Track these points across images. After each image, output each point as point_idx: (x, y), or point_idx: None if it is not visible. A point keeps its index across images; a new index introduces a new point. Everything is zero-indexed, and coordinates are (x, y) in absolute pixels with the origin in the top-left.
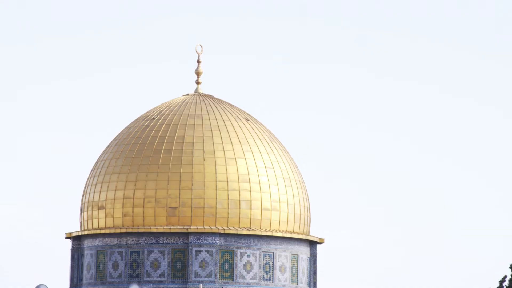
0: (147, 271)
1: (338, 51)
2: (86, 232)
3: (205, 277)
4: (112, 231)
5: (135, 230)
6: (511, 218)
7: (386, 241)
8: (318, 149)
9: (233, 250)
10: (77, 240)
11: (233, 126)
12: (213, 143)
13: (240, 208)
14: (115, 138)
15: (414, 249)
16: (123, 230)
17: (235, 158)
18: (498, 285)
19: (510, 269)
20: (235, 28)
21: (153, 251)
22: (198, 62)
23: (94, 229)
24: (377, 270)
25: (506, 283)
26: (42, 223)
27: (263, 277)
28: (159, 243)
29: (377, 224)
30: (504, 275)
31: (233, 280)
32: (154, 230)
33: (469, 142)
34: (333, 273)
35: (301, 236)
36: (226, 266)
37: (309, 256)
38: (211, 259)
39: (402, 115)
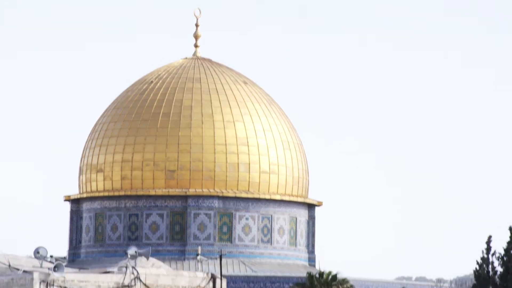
0: (145, 233)
1: (334, 15)
2: (84, 195)
3: (203, 239)
4: (111, 194)
5: (134, 193)
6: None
7: (383, 203)
8: (316, 112)
9: (232, 213)
10: (75, 203)
11: (231, 89)
12: (211, 106)
13: (238, 171)
14: (113, 101)
15: (411, 211)
16: (122, 193)
17: (234, 121)
18: (486, 246)
19: (509, 231)
20: None
21: (151, 214)
22: (197, 25)
23: (92, 192)
24: (374, 232)
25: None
26: (41, 186)
27: (262, 240)
28: (157, 206)
29: (374, 187)
30: (489, 235)
31: (231, 242)
32: (152, 193)
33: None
34: (331, 235)
35: (299, 199)
36: (225, 229)
37: (307, 218)
38: (210, 222)
39: (400, 78)
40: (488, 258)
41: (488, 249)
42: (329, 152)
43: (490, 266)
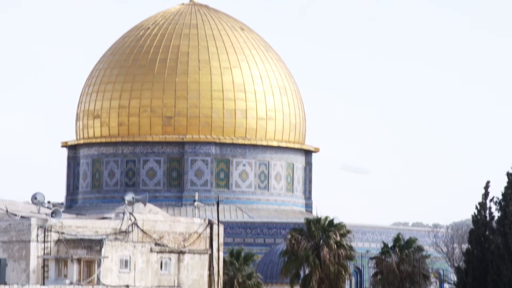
0: (143, 179)
1: None
2: (81, 141)
3: (200, 185)
4: (108, 140)
5: (131, 139)
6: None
7: (380, 149)
8: (313, 59)
9: (229, 160)
10: (73, 149)
11: (228, 35)
12: (208, 52)
13: (235, 117)
14: (110, 47)
15: (408, 157)
16: (119, 139)
17: (231, 68)
18: (484, 191)
19: (506, 177)
20: None
21: (148, 160)
22: None
23: (89, 138)
24: (371, 178)
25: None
26: (38, 132)
27: (259, 186)
28: (154, 152)
29: (371, 133)
30: (487, 181)
31: (228, 189)
32: (149, 139)
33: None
34: (328, 181)
35: (296, 146)
36: (222, 175)
37: (304, 165)
38: (207, 168)
39: (398, 27)
40: (485, 203)
41: (486, 194)
42: (326, 99)
43: (487, 212)
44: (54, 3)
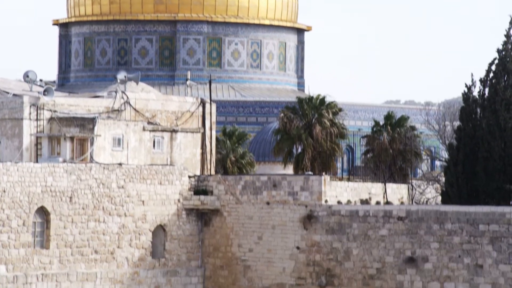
0: (135, 58)
1: None
2: (73, 19)
3: (193, 64)
4: (99, 18)
5: (123, 18)
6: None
7: (372, 27)
8: None
9: (221, 38)
10: (64, 27)
11: None
12: None
13: None
14: None
15: (400, 35)
16: (110, 18)
17: None
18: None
19: (497, 53)
20: None
21: (140, 38)
22: None
23: (81, 16)
24: (363, 57)
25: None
26: (30, 10)
27: (251, 65)
28: (146, 31)
29: (364, 10)
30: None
31: (220, 68)
32: (141, 17)
33: None
34: (320, 60)
35: (288, 24)
36: (214, 54)
37: (296, 43)
38: (199, 47)
39: None
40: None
41: (489, 71)
42: None
43: (481, 89)
44: None
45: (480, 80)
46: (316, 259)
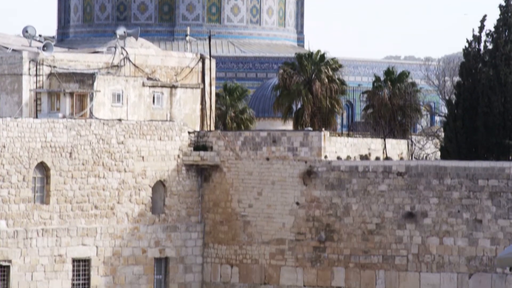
0: (134, 14)
1: None
2: None
3: (192, 20)
4: None
5: None
6: None
7: None
8: None
9: None
10: None
11: None
12: None
13: None
14: None
15: None
16: None
17: None
18: (479, 24)
19: (499, 9)
20: None
21: None
22: None
23: None
24: (363, 12)
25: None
26: None
27: (251, 20)
28: None
29: None
30: (484, 14)
31: (220, 23)
32: None
33: None
34: (320, 16)
35: None
36: (213, 10)
37: None
38: (198, 2)
39: None
40: (480, 36)
41: (482, 27)
42: None
43: (482, 44)
44: None
45: (477, 38)
46: (315, 214)
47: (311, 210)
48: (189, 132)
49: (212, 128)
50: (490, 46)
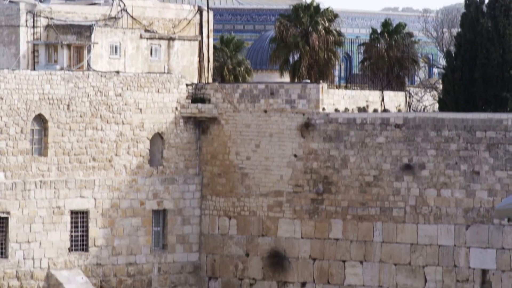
0: None
1: None
2: None
3: None
4: None
5: None
6: None
7: None
8: None
9: None
10: None
11: None
12: None
13: None
14: None
15: None
16: None
17: None
18: None
19: None
20: None
21: None
22: None
23: None
24: None
25: None
26: None
27: None
28: None
29: None
30: None
31: None
32: None
33: None
34: None
35: None
36: None
37: None
38: None
39: None
40: None
41: None
42: None
43: None
44: None
45: None
46: (313, 166)
47: (309, 162)
48: (187, 85)
49: (210, 80)
50: None
